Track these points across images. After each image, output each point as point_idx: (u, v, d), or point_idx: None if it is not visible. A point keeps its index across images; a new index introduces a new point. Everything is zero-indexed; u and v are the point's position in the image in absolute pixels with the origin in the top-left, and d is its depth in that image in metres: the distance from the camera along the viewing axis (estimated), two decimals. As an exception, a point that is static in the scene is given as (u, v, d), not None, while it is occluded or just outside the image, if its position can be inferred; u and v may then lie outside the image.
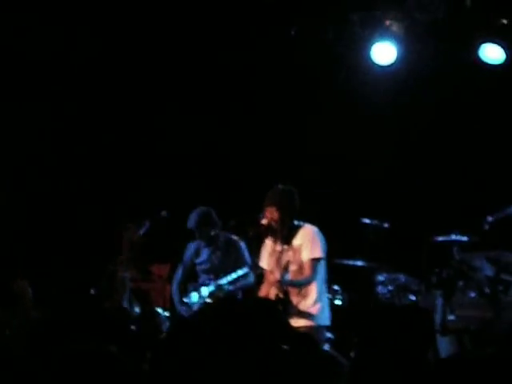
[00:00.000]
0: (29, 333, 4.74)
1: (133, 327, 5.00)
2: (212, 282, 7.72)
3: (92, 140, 9.57)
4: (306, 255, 6.59)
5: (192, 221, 7.84)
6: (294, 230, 6.66)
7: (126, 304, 5.35)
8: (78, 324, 4.86)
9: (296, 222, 6.69)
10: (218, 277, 7.71)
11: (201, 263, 7.99)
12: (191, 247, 8.07)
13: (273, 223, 6.66)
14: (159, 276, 8.79)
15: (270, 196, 6.68)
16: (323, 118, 9.23)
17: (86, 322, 4.95)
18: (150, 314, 4.97)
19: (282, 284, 6.56)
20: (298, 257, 6.63)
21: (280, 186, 6.74)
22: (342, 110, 9.17)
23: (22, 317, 5.30)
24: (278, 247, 6.70)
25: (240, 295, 7.70)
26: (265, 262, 6.83)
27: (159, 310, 5.02)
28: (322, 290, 6.71)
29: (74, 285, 8.26)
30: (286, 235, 6.65)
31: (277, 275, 6.59)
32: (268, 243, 6.82)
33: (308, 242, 6.60)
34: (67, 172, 9.55)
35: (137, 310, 6.37)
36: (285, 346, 4.22)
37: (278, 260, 6.64)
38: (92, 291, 7.34)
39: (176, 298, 7.87)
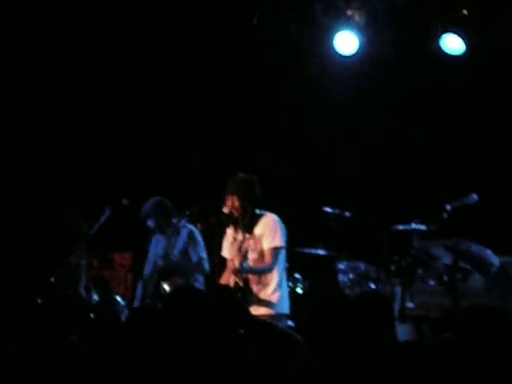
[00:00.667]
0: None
1: (92, 315, 4.98)
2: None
3: (53, 121, 9.50)
4: (266, 244, 6.61)
5: (146, 209, 7.85)
6: (255, 219, 6.67)
7: (82, 292, 5.32)
8: (38, 312, 4.84)
9: (257, 211, 6.70)
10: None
11: (158, 254, 7.97)
12: (153, 240, 8.06)
13: (234, 212, 6.66)
14: (121, 265, 8.76)
15: (231, 185, 6.68)
16: (285, 106, 9.25)
17: (45, 310, 4.92)
18: (108, 303, 4.96)
19: (242, 271, 6.58)
20: (258, 245, 6.65)
21: (240, 175, 6.74)
22: (304, 98, 9.19)
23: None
24: (239, 236, 6.72)
25: (202, 283, 7.71)
26: (226, 250, 6.85)
27: (118, 299, 5.01)
28: (282, 278, 6.73)
29: (35, 273, 8.21)
30: (247, 224, 6.66)
31: (236, 263, 6.60)
32: (229, 232, 6.83)
33: (269, 231, 6.61)
34: (27, 155, 9.47)
35: (95, 297, 6.35)
36: (241, 331, 4.25)
37: (239, 248, 6.66)
38: (52, 280, 7.31)
39: (139, 292, 7.84)
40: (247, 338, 4.37)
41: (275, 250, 6.61)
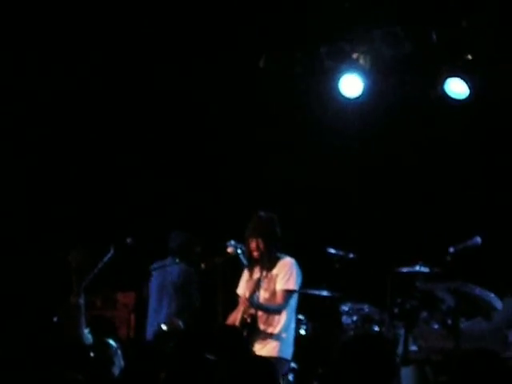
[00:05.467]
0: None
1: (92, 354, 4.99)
2: None
3: (54, 163, 9.54)
4: (280, 285, 6.62)
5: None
6: (273, 260, 6.67)
7: (83, 332, 5.29)
8: (40, 352, 4.84)
9: (277, 253, 6.71)
10: None
11: None
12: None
13: (254, 253, 6.66)
14: (124, 304, 8.74)
15: (256, 226, 6.67)
16: (289, 148, 9.29)
17: (47, 349, 4.92)
18: (100, 346, 4.93)
19: (251, 304, 6.55)
20: (272, 286, 6.66)
21: (263, 215, 6.75)
22: (308, 140, 9.24)
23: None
24: (256, 275, 6.71)
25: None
26: (241, 288, 6.85)
27: (110, 342, 4.97)
28: (290, 322, 6.72)
29: (38, 312, 8.19)
30: (267, 264, 6.67)
31: (247, 294, 6.59)
32: (246, 271, 6.83)
33: (284, 273, 6.63)
34: (29, 192, 9.49)
35: (89, 336, 6.31)
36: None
37: (253, 285, 6.65)
38: (54, 319, 7.28)
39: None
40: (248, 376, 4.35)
41: (287, 293, 6.62)
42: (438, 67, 8.61)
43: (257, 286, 6.66)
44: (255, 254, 6.67)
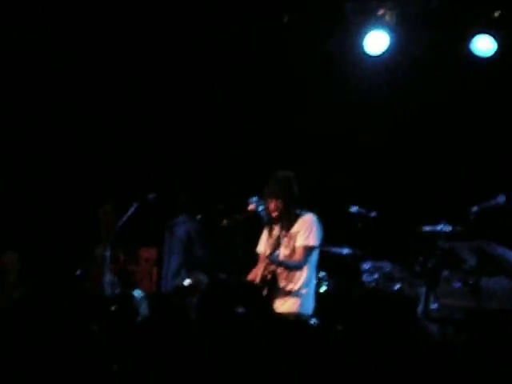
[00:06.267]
0: (10, 311, 4.75)
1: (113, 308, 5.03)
2: None
3: (76, 121, 9.57)
4: (299, 241, 6.61)
5: None
6: (294, 217, 6.68)
7: (106, 285, 5.36)
8: (60, 303, 4.88)
9: (297, 210, 6.71)
10: None
11: None
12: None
13: (273, 212, 6.67)
14: (146, 259, 8.81)
15: (273, 187, 6.66)
16: (312, 106, 9.24)
17: (67, 301, 4.97)
18: (125, 298, 5.00)
19: (271, 261, 6.57)
20: (292, 243, 6.66)
21: (279, 174, 6.73)
22: (332, 98, 9.18)
23: (5, 293, 5.32)
24: (276, 232, 6.72)
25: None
26: (262, 246, 6.86)
27: (136, 292, 5.03)
28: (310, 278, 6.72)
29: (60, 264, 8.28)
30: (286, 223, 6.67)
31: (267, 252, 6.61)
32: (266, 229, 6.84)
33: (304, 229, 6.62)
34: (55, 154, 9.56)
35: (118, 288, 6.40)
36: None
37: (273, 243, 6.66)
38: (78, 272, 7.36)
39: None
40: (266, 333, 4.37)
41: (307, 249, 6.61)
42: (465, 24, 8.50)
43: (277, 243, 6.67)
44: (274, 214, 6.68)
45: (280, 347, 4.39)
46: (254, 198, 6.93)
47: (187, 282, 7.26)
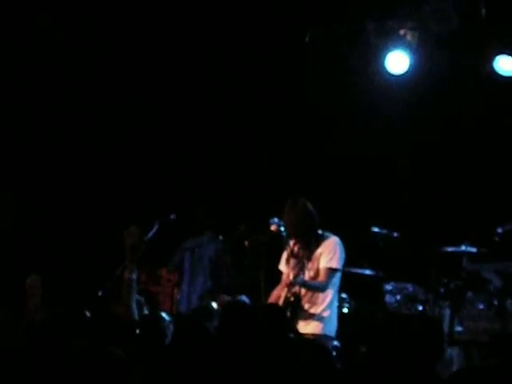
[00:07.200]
0: (35, 334, 4.74)
1: (138, 331, 5.00)
2: None
3: (97, 143, 9.60)
4: (323, 263, 6.61)
5: None
6: (317, 240, 6.66)
7: (134, 307, 5.35)
8: (84, 326, 4.86)
9: (320, 232, 6.69)
10: None
11: None
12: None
13: (296, 247, 6.68)
14: (167, 279, 8.79)
15: (289, 223, 6.65)
16: (334, 125, 9.22)
17: (92, 324, 4.95)
18: (153, 319, 4.99)
19: (295, 283, 6.55)
20: (315, 265, 6.65)
21: (294, 203, 6.70)
22: (354, 119, 9.16)
23: (29, 316, 5.31)
24: (299, 252, 6.71)
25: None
26: (283, 264, 6.84)
27: (163, 315, 5.02)
28: (333, 300, 6.71)
29: (82, 286, 8.27)
30: (308, 245, 6.65)
31: (291, 276, 6.59)
32: (290, 246, 6.81)
33: (328, 252, 6.62)
34: (79, 176, 9.59)
35: (146, 311, 6.36)
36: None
37: (297, 263, 6.64)
38: (99, 293, 7.34)
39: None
40: (291, 354, 4.34)
41: (330, 271, 6.60)
42: (487, 44, 8.47)
43: (301, 267, 6.65)
44: (296, 247, 6.69)
45: (303, 368, 4.36)
46: (275, 219, 6.92)
47: (214, 304, 7.22)
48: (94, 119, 9.58)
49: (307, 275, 6.63)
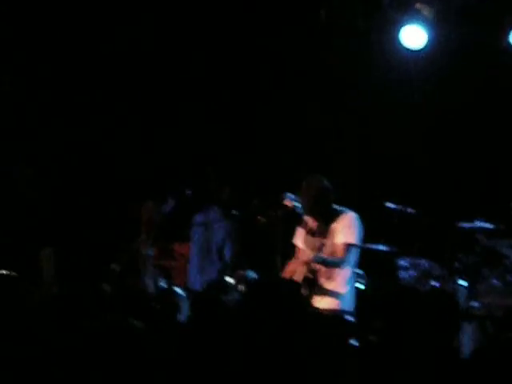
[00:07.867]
0: (50, 307, 4.76)
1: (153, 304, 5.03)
2: None
3: (117, 116, 9.61)
4: (340, 239, 6.58)
5: None
6: (334, 215, 6.64)
7: (148, 281, 5.36)
8: (98, 299, 4.88)
9: (337, 207, 6.67)
10: None
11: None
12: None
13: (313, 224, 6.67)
14: (181, 254, 8.80)
15: (305, 203, 6.63)
16: (351, 101, 9.19)
17: (106, 297, 4.97)
18: (167, 294, 5.00)
19: (314, 260, 6.54)
20: (332, 240, 6.62)
21: (310, 180, 6.67)
22: (370, 93, 9.12)
23: (43, 288, 5.33)
24: (316, 228, 6.69)
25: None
26: (299, 239, 6.83)
27: (178, 290, 5.01)
28: (350, 276, 6.69)
29: (96, 260, 8.30)
30: (325, 220, 6.63)
31: (308, 254, 6.58)
32: (306, 222, 6.79)
33: (344, 227, 6.59)
34: (94, 150, 9.62)
35: (163, 285, 6.37)
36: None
37: (313, 240, 6.63)
38: (113, 267, 7.35)
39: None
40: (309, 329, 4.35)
41: (347, 246, 6.57)
42: (503, 18, 8.41)
43: (320, 246, 6.64)
44: (314, 225, 6.67)
45: (319, 343, 4.37)
46: (289, 194, 6.89)
47: (231, 280, 7.23)
48: (115, 94, 9.59)
49: (325, 251, 6.62)
